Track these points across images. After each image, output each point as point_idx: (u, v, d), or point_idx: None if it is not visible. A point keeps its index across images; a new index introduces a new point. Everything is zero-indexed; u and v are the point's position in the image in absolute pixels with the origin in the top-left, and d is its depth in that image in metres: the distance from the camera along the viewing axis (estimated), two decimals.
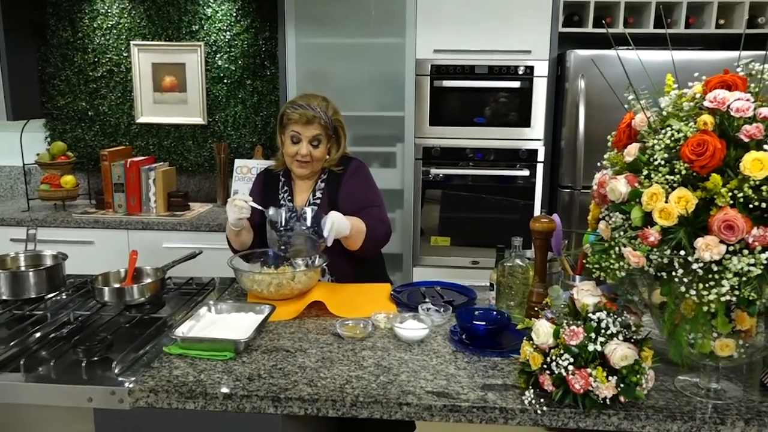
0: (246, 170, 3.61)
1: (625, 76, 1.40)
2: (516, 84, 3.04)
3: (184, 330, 1.62)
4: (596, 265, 1.34)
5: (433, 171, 3.17)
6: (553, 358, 1.32)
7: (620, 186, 1.27)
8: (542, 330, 1.35)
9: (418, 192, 3.21)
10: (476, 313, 1.75)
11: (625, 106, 1.42)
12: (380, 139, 3.27)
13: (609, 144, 1.46)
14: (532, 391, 1.34)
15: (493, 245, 3.22)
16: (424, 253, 3.27)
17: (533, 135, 3.08)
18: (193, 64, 3.70)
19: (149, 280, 1.97)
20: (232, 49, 3.66)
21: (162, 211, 3.48)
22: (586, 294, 1.37)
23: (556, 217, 1.75)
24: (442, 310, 1.81)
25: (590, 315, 1.34)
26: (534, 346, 1.37)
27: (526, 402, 1.33)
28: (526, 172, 3.11)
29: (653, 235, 1.18)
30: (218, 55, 3.68)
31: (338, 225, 1.92)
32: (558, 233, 1.74)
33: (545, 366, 1.33)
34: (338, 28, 3.19)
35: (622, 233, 1.27)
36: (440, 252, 3.25)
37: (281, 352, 1.59)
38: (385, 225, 2.14)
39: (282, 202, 2.19)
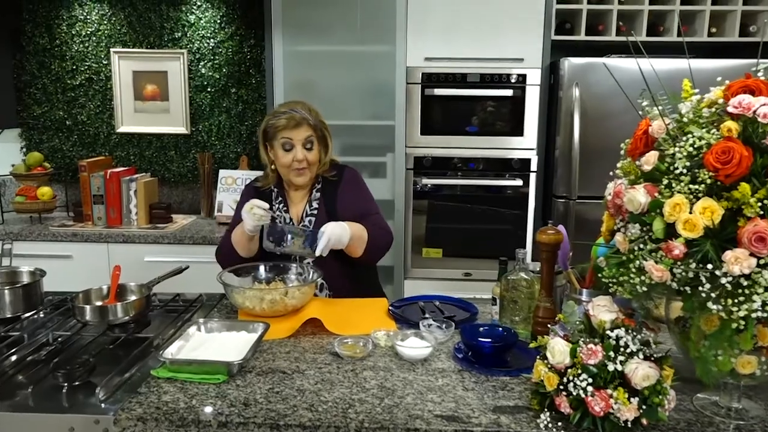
0: (231, 181, 3.51)
1: (618, 83, 1.34)
2: (508, 92, 2.99)
3: (172, 351, 1.52)
4: (613, 280, 1.27)
5: (424, 181, 3.10)
6: (570, 378, 1.25)
7: (639, 196, 1.21)
8: (558, 349, 1.27)
9: (409, 202, 3.14)
10: (481, 329, 1.67)
11: (640, 112, 1.36)
12: (370, 148, 3.20)
13: (622, 152, 1.40)
14: (547, 413, 1.26)
15: (485, 257, 3.19)
16: (415, 266, 3.19)
17: (526, 144, 3.03)
18: (175, 72, 3.60)
19: (134, 298, 1.86)
20: (216, 57, 3.57)
21: (143, 224, 3.36)
22: (602, 310, 1.30)
23: (561, 228, 1.69)
24: (444, 326, 1.73)
25: (608, 332, 1.27)
26: (549, 366, 1.30)
27: (541, 426, 1.26)
28: (519, 182, 3.06)
29: (678, 248, 1.12)
30: (202, 63, 3.58)
31: (335, 239, 1.87)
32: (565, 245, 1.67)
33: (562, 387, 1.26)
34: (327, 36, 3.12)
35: (641, 246, 1.21)
36: (432, 264, 3.18)
37: (277, 374, 1.49)
38: (387, 232, 2.09)
39: (278, 213, 2.10)
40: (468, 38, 2.98)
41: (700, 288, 1.11)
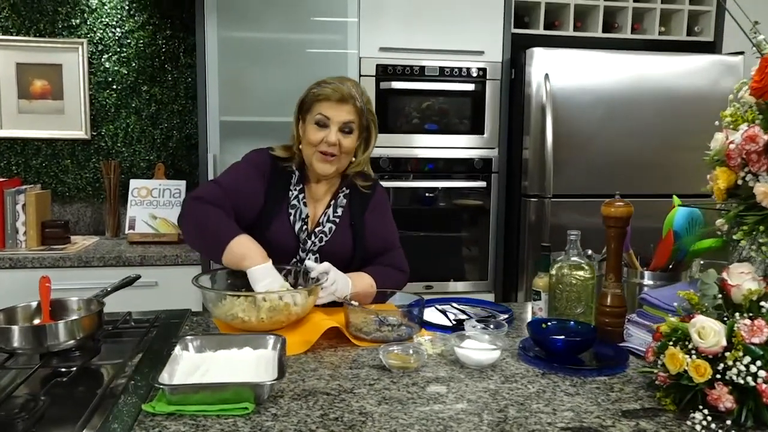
0: (146, 192, 2.98)
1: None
2: (469, 87, 2.79)
3: (164, 378, 1.07)
4: (759, 240, 1.05)
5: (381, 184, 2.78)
6: (730, 364, 0.99)
7: None
8: (710, 328, 1.01)
9: None
10: (543, 326, 1.38)
11: (753, 49, 1.18)
12: None
13: (731, 97, 1.21)
14: (705, 411, 0.99)
15: (446, 268, 2.92)
16: None
17: (489, 143, 2.84)
18: (72, 65, 3.02)
19: (76, 317, 1.37)
20: (124, 49, 3.05)
21: (35, 245, 2.73)
22: (746, 278, 1.06)
23: None
24: (492, 327, 1.42)
25: (763, 304, 1.03)
26: (693, 352, 1.03)
27: (697, 427, 0.98)
28: (483, 184, 2.84)
29: None
30: (105, 56, 3.04)
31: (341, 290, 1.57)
32: None
33: (719, 376, 1.00)
34: (267, 22, 2.74)
35: None
36: None
37: (320, 396, 1.10)
38: (405, 273, 1.79)
39: (295, 203, 1.69)
40: (426, 28, 2.75)
41: None
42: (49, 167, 3.06)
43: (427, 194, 2.85)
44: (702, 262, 1.52)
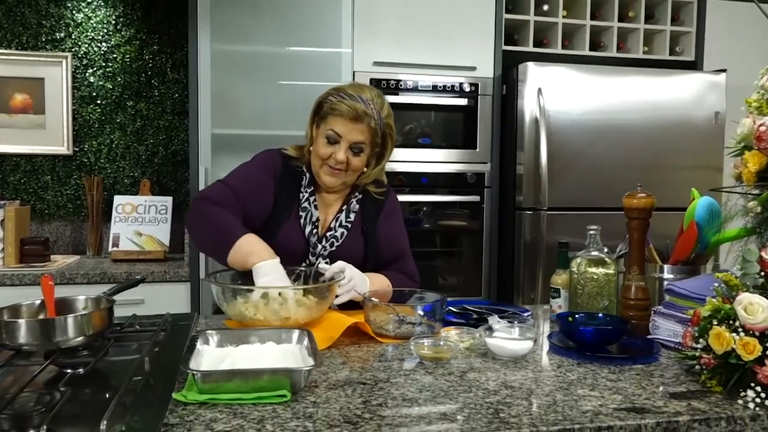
0: (131, 208, 2.89)
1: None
2: (462, 101, 2.81)
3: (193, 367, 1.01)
4: None
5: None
6: None
7: None
8: (757, 304, 1.00)
9: None
10: (570, 319, 1.36)
11: None
12: None
13: (756, 83, 1.22)
14: (757, 388, 0.97)
15: (439, 283, 2.89)
16: None
17: (482, 158, 2.84)
18: (55, 79, 2.95)
19: (85, 312, 1.29)
20: (109, 64, 3.00)
21: (13, 263, 2.61)
22: None
23: None
24: (516, 322, 1.39)
25: None
26: (740, 330, 1.02)
27: (750, 405, 0.97)
28: (476, 198, 2.84)
29: None
30: (90, 70, 2.98)
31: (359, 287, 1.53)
32: None
33: None
34: (260, 35, 2.73)
35: None
36: None
37: (357, 386, 1.05)
38: (417, 283, 1.73)
39: (306, 205, 1.64)
40: (419, 44, 2.77)
41: None
42: (27, 183, 2.96)
43: (420, 208, 2.84)
44: (715, 261, 1.53)
